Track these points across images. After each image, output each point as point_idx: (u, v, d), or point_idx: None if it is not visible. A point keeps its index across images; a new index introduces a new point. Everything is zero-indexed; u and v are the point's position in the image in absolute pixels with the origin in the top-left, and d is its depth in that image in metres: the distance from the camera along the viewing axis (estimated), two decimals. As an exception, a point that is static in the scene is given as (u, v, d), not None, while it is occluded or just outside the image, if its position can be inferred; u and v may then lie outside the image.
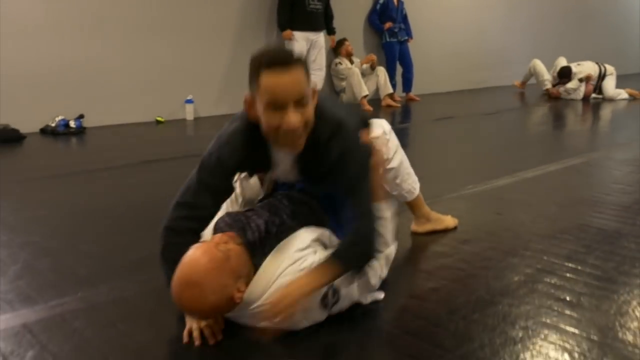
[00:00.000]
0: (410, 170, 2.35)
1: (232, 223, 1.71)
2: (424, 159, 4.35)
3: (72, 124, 5.38)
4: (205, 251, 1.53)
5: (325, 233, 1.73)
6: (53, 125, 5.34)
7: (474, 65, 9.12)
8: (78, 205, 3.08)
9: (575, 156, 4.11)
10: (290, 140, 1.53)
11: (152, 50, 5.91)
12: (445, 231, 2.53)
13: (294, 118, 1.46)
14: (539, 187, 3.33)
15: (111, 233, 2.62)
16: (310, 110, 1.52)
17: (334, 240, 1.75)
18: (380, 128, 2.16)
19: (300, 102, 1.48)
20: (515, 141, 4.97)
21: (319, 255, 1.62)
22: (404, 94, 7.84)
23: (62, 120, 5.36)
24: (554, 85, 8.10)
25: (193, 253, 1.53)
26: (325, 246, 1.72)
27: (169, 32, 6.00)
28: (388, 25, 7.49)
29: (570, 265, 2.14)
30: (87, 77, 5.55)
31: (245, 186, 2.02)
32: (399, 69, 7.77)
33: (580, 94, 7.81)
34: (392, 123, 6.31)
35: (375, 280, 1.80)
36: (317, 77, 6.79)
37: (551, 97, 7.96)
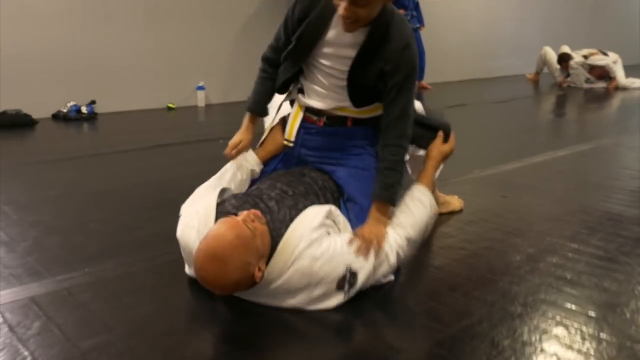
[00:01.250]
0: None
1: (241, 205, 1.72)
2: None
3: (83, 109, 5.43)
4: (232, 226, 1.53)
5: (332, 209, 1.73)
6: (65, 110, 5.39)
7: (486, 54, 9.06)
8: (88, 187, 3.12)
9: (584, 142, 4.10)
10: (342, 22, 1.71)
11: (164, 37, 5.94)
12: (451, 213, 2.54)
13: (342, 11, 1.65)
14: (546, 171, 3.32)
15: (119, 213, 2.65)
16: (368, 12, 1.66)
17: (341, 217, 1.77)
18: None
19: (355, 3, 1.62)
20: (525, 128, 4.95)
21: (332, 237, 1.63)
22: (416, 82, 7.80)
23: (74, 105, 5.41)
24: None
25: (220, 227, 1.54)
26: (335, 222, 1.72)
27: (181, 18, 6.02)
28: (400, 12, 7.45)
29: (572, 245, 2.15)
30: (99, 63, 5.59)
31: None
32: (411, 57, 7.72)
33: (582, 78, 7.72)
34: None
35: (393, 259, 1.74)
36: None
37: (562, 87, 7.90)
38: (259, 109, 2.08)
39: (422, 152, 2.21)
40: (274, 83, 2.05)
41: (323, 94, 1.94)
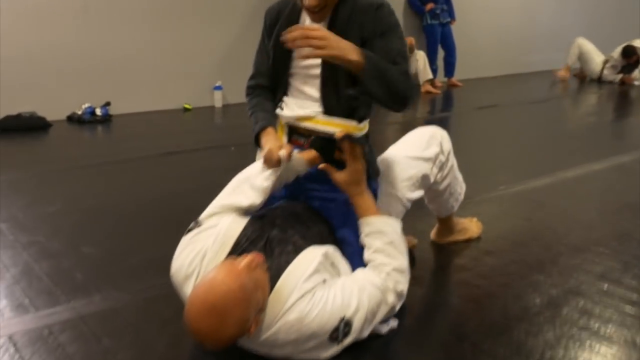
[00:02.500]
0: (456, 188, 2.15)
1: (256, 239, 1.60)
2: (460, 154, 4.09)
3: (98, 111, 5.42)
4: (236, 275, 1.37)
5: (330, 250, 1.61)
6: (79, 113, 5.39)
7: (522, 48, 8.77)
8: (91, 201, 3.07)
9: (625, 152, 3.87)
10: (310, 14, 1.73)
11: (180, 35, 5.88)
12: (469, 240, 2.39)
13: (310, 0, 1.66)
14: (578, 189, 3.13)
15: (117, 233, 2.59)
16: None
17: (341, 259, 1.64)
18: (436, 146, 1.96)
19: None
20: (560, 134, 4.74)
21: (327, 287, 1.50)
22: (445, 79, 7.61)
23: (89, 107, 5.40)
24: (621, 70, 7.68)
25: (221, 273, 1.38)
26: (333, 265, 1.60)
27: (198, 15, 5.96)
28: (430, 6, 7.26)
29: (602, 285, 1.99)
30: (114, 63, 5.57)
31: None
32: (441, 53, 7.53)
33: None
34: (431, 112, 6.19)
35: (392, 298, 1.59)
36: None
37: (624, 84, 7.55)
38: (271, 122, 1.86)
39: (439, 188, 2.07)
40: (272, 102, 1.92)
41: (301, 102, 1.82)
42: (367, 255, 1.64)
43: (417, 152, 1.93)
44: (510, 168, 3.62)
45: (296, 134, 1.86)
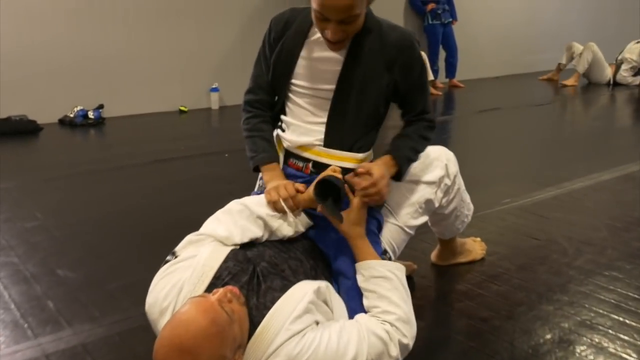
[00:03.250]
0: (462, 210, 1.98)
1: (239, 274, 1.41)
2: (461, 162, 3.96)
3: (90, 114, 5.24)
4: (206, 309, 1.20)
5: (323, 285, 1.41)
6: (71, 115, 5.22)
7: (525, 48, 8.56)
8: (74, 214, 2.91)
9: (635, 162, 3.67)
10: (330, 45, 1.55)
11: (175, 36, 5.70)
12: (472, 262, 2.22)
13: (332, 35, 1.49)
14: (586, 202, 2.95)
15: (98, 253, 2.42)
16: (357, 24, 1.52)
17: (335, 297, 1.45)
18: (441, 169, 1.79)
19: (344, 21, 1.47)
20: (566, 139, 4.55)
21: (320, 329, 1.30)
22: (447, 80, 7.42)
23: (81, 110, 5.23)
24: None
25: (190, 309, 1.21)
26: (325, 303, 1.41)
27: (194, 16, 5.77)
28: (431, 6, 7.06)
29: (616, 317, 1.81)
30: (107, 65, 5.40)
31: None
32: (442, 54, 7.34)
33: None
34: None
35: (395, 351, 1.36)
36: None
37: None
38: (274, 156, 1.71)
39: (444, 212, 1.90)
40: (272, 125, 1.76)
41: (305, 127, 1.65)
42: (368, 302, 1.44)
43: (419, 176, 1.76)
44: (514, 178, 3.44)
45: (294, 157, 1.69)
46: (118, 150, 4.34)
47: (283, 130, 1.71)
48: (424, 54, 6.83)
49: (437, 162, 1.79)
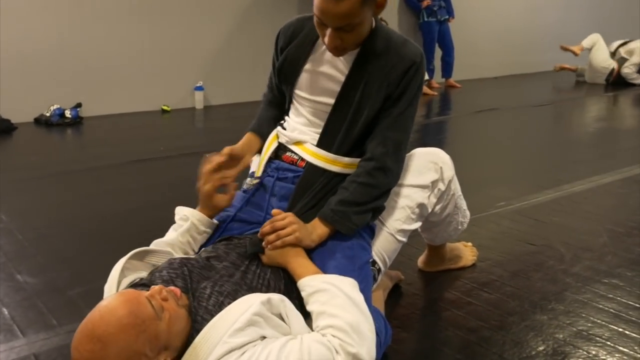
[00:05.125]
0: (455, 217, 1.90)
1: (173, 279, 1.34)
2: (456, 164, 3.92)
3: (67, 113, 5.16)
4: (128, 300, 1.17)
5: (276, 298, 1.30)
6: (48, 114, 5.14)
7: (525, 47, 8.52)
8: (42, 216, 2.83)
9: (638, 163, 3.61)
10: (330, 50, 1.53)
11: (158, 32, 5.63)
12: (462, 268, 2.14)
13: (329, 41, 1.48)
14: (586, 206, 2.88)
15: (63, 257, 2.33)
16: (356, 36, 1.50)
17: (291, 312, 1.33)
18: (434, 172, 1.73)
19: (343, 29, 1.45)
20: (565, 141, 4.48)
21: (264, 344, 1.20)
22: (443, 80, 7.37)
23: (58, 109, 5.14)
24: None
25: (114, 299, 1.18)
26: (280, 317, 1.29)
27: (177, 12, 5.70)
28: (426, 3, 7.01)
29: (615, 327, 1.73)
30: (86, 61, 5.32)
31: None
32: (438, 52, 7.28)
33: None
34: (427, 115, 5.96)
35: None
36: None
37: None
38: (264, 130, 1.78)
39: (436, 219, 1.85)
40: (280, 111, 1.80)
41: (302, 129, 1.67)
42: (313, 322, 1.33)
43: (411, 179, 1.69)
44: (511, 180, 3.37)
45: (290, 151, 1.67)
46: (94, 150, 4.25)
47: (284, 128, 1.71)
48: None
49: (430, 164, 1.73)
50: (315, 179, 1.59)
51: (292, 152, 1.66)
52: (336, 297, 1.32)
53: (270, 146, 1.72)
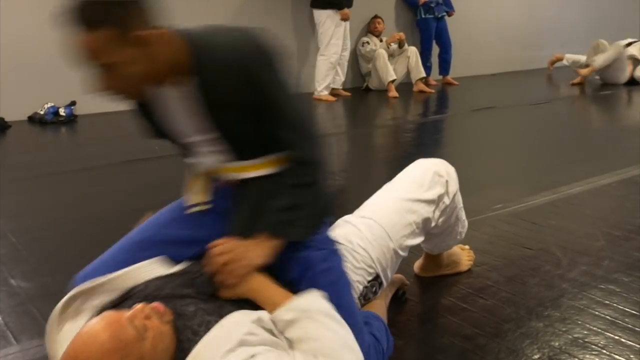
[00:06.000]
0: (455, 227, 1.91)
1: (154, 296, 1.32)
2: (453, 164, 3.89)
3: (62, 111, 5.16)
4: (109, 324, 1.16)
5: (263, 317, 1.29)
6: (42, 112, 5.13)
7: (523, 44, 8.53)
8: (36, 218, 2.83)
9: (636, 165, 3.61)
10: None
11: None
12: (458, 274, 2.15)
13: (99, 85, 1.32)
14: (583, 208, 2.89)
15: (55, 261, 2.34)
16: (123, 71, 1.28)
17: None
18: (441, 187, 1.71)
19: (103, 67, 1.28)
20: (564, 141, 4.49)
21: None
22: (440, 78, 7.38)
23: (52, 107, 5.14)
24: None
25: (96, 323, 1.17)
26: (272, 333, 1.28)
27: (171, 9, 5.67)
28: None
29: (611, 335, 1.74)
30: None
31: None
32: (435, 49, 7.29)
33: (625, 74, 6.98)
34: (424, 114, 5.97)
35: None
36: (343, 59, 6.45)
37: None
38: None
39: (437, 231, 1.85)
40: None
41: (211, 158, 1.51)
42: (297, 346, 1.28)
43: (417, 193, 1.69)
44: (508, 181, 3.38)
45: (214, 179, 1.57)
46: (89, 149, 4.25)
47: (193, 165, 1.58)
48: (414, 49, 6.80)
49: (437, 177, 1.72)
50: (246, 191, 1.49)
51: (218, 179, 1.56)
52: (311, 319, 1.28)
53: (197, 181, 1.60)
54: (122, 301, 1.36)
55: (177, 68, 1.34)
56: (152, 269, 1.44)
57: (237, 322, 1.23)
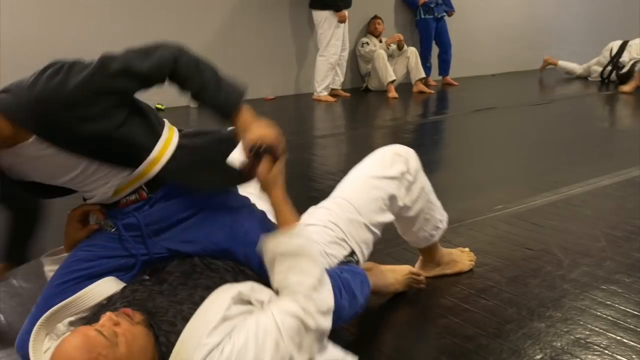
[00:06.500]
0: (432, 213, 1.96)
1: (125, 305, 1.34)
2: (452, 165, 3.97)
3: (60, 112, 5.15)
4: (80, 338, 1.17)
5: (244, 288, 1.38)
6: (40, 113, 5.13)
7: (524, 44, 8.54)
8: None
9: (638, 165, 3.61)
10: None
11: (152, 30, 5.60)
12: (459, 274, 2.16)
13: None
14: (585, 209, 2.90)
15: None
16: None
17: (265, 292, 1.41)
18: (402, 164, 1.80)
19: None
20: (564, 142, 4.49)
21: (236, 332, 1.26)
22: (440, 78, 7.39)
23: (50, 107, 5.14)
24: None
25: (65, 341, 1.19)
26: (250, 302, 1.37)
27: (173, 9, 5.70)
28: (423, 0, 7.02)
29: (613, 335, 1.75)
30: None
31: None
32: (435, 50, 7.30)
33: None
34: (423, 115, 5.97)
35: (312, 322, 1.36)
36: (342, 59, 6.47)
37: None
38: None
39: (411, 214, 1.89)
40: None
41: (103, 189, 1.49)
42: (276, 281, 1.41)
43: (380, 171, 1.78)
44: (509, 182, 3.39)
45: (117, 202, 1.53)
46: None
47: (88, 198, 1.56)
48: (413, 49, 6.81)
49: (397, 157, 1.82)
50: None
51: (125, 197, 1.50)
52: (300, 255, 1.41)
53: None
54: (92, 316, 1.38)
55: (10, 140, 1.34)
56: (107, 287, 1.46)
57: (220, 300, 1.30)
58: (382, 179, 1.77)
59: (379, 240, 2.18)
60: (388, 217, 1.80)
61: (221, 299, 1.31)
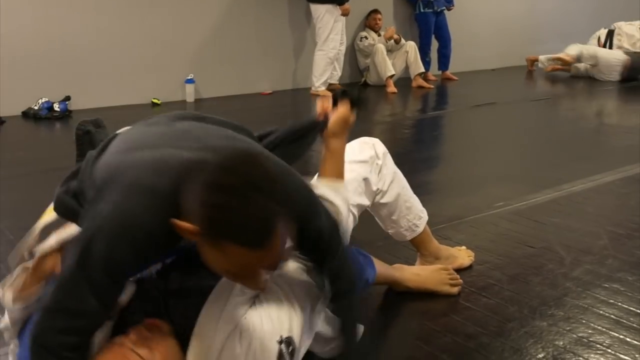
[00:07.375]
0: (412, 201, 2.01)
1: (146, 307, 1.32)
2: (451, 161, 3.97)
3: (56, 106, 5.14)
4: (119, 358, 1.17)
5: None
6: (36, 107, 5.11)
7: (524, 38, 8.52)
8: (32, 215, 2.73)
9: (638, 162, 3.62)
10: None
11: (148, 23, 5.60)
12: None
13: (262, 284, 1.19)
14: (587, 206, 2.89)
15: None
16: None
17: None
18: (369, 149, 1.88)
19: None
20: (565, 138, 4.49)
21: (252, 314, 1.28)
22: (439, 73, 7.37)
23: (46, 102, 5.12)
24: None
25: None
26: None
27: (167, 4, 5.68)
28: (422, -7, 7.00)
29: (616, 334, 1.75)
30: (74, 54, 5.28)
31: None
32: (435, 44, 7.28)
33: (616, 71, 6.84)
34: (422, 110, 5.95)
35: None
36: (340, 54, 6.44)
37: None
38: None
39: (387, 199, 1.93)
40: None
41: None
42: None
43: (352, 156, 1.83)
44: (509, 179, 3.38)
45: None
46: (82, 146, 4.24)
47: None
48: (412, 43, 6.79)
49: (364, 144, 1.90)
50: None
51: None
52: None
53: None
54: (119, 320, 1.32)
55: None
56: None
57: (225, 290, 1.30)
58: (353, 162, 1.81)
59: (379, 238, 2.21)
60: (363, 201, 1.85)
61: (228, 288, 1.30)
